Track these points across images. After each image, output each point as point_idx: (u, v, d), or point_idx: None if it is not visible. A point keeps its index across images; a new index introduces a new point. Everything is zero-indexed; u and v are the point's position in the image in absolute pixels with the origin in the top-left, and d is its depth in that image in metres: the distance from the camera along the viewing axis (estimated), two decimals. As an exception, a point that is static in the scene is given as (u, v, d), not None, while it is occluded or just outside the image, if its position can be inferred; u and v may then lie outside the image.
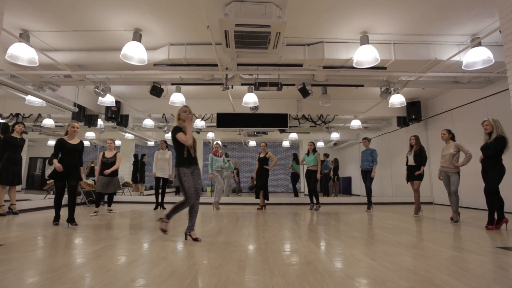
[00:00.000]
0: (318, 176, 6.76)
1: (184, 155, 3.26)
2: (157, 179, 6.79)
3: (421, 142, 5.85)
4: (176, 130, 3.27)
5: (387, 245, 3.05)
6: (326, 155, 11.36)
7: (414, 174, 5.58)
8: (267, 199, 7.04)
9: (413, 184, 5.62)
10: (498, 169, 4.08)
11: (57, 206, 4.27)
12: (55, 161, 4.16)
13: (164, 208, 6.71)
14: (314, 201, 6.88)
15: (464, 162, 4.69)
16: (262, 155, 7.08)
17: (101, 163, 5.91)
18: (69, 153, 4.24)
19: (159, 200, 6.82)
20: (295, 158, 10.46)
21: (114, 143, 6.17)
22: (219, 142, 7.65)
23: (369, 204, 6.53)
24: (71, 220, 4.17)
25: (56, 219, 4.25)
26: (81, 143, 4.47)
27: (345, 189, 14.68)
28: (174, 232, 3.82)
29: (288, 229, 4.07)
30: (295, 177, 10.14)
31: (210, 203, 7.93)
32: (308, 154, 7.02)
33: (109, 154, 5.97)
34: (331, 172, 11.25)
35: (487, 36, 4.54)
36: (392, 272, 2.16)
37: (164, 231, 3.41)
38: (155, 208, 6.73)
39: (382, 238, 3.47)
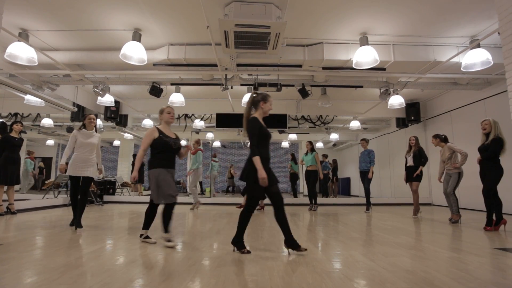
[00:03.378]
0: (321, 175, 6.77)
1: None
2: (73, 179, 3.99)
3: (420, 143, 5.87)
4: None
5: (386, 246, 3.06)
6: (325, 156, 11.36)
7: (413, 175, 5.59)
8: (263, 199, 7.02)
9: (412, 185, 5.63)
10: (496, 170, 4.09)
11: (246, 224, 2.77)
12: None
13: (79, 226, 3.84)
14: (313, 201, 6.88)
15: (462, 161, 4.72)
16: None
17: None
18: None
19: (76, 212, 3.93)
20: (293, 158, 10.48)
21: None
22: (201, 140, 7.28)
23: (368, 204, 6.53)
24: (295, 244, 2.69)
25: (242, 242, 2.79)
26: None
27: (344, 189, 14.69)
28: (172, 232, 3.81)
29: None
30: (294, 178, 10.14)
31: (206, 204, 7.91)
32: (306, 154, 7.02)
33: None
34: (330, 173, 11.26)
35: (486, 38, 4.55)
36: (391, 273, 2.16)
37: None
38: (72, 224, 4.05)
39: (381, 239, 3.47)
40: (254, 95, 2.89)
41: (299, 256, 2.64)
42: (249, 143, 2.74)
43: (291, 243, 2.67)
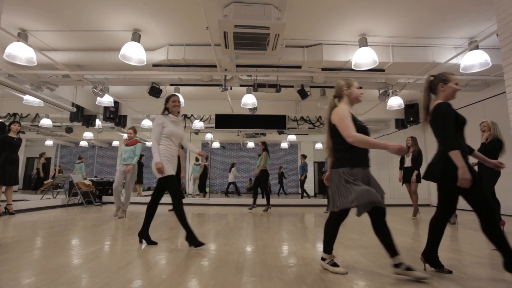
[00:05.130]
0: (256, 172, 6.79)
1: None
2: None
3: (418, 144, 5.88)
4: None
5: (384, 247, 3.06)
6: (304, 156, 11.19)
7: (411, 176, 5.57)
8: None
9: (411, 186, 5.63)
10: (492, 171, 4.11)
11: (441, 235, 2.29)
12: None
13: (198, 245, 2.87)
14: (265, 202, 6.79)
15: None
16: None
17: None
18: None
19: (189, 228, 2.93)
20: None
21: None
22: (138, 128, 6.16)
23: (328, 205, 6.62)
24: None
25: (438, 258, 2.23)
26: None
27: (343, 190, 14.66)
28: (171, 233, 3.81)
29: (286, 231, 4.07)
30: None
31: (205, 204, 7.90)
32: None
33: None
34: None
35: (484, 39, 4.57)
36: (390, 273, 2.16)
37: None
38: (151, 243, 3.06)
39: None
40: (431, 78, 2.32)
41: (298, 257, 2.64)
42: (440, 135, 2.18)
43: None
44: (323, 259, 2.29)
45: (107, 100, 6.94)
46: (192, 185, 11.58)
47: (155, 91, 6.37)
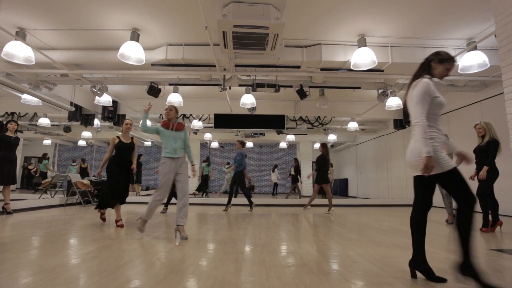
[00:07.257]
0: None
1: None
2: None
3: (326, 151, 6.58)
4: None
5: (383, 247, 3.06)
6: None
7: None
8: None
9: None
10: (491, 171, 4.12)
11: None
12: None
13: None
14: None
15: (457, 164, 4.73)
16: (126, 140, 4.51)
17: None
18: None
19: None
20: (207, 160, 11.14)
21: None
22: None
23: (250, 204, 6.76)
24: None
25: None
26: None
27: (342, 190, 14.72)
28: (170, 232, 3.80)
29: (285, 231, 4.07)
30: (206, 179, 10.98)
31: (205, 204, 7.88)
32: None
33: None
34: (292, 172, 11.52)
35: (482, 40, 4.59)
36: (388, 274, 2.16)
37: None
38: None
39: (378, 240, 3.48)
40: None
41: (297, 257, 2.64)
42: None
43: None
44: None
45: (105, 99, 6.92)
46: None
47: (154, 91, 6.36)
